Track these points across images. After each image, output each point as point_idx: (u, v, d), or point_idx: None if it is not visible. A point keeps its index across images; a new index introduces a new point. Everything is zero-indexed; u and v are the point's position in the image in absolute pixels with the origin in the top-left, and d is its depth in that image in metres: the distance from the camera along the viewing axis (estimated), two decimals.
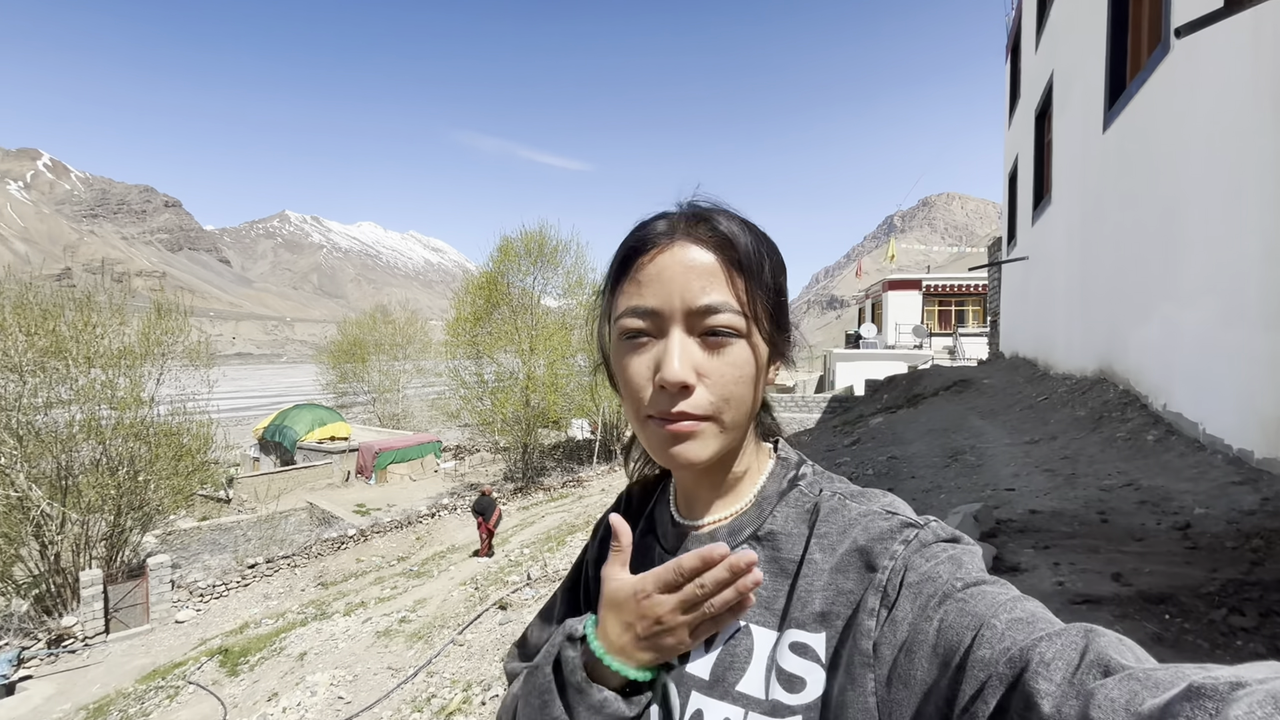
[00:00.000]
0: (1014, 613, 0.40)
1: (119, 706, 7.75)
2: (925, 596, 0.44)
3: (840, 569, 0.49)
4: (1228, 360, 3.75)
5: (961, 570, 0.45)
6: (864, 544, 0.49)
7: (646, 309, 0.52)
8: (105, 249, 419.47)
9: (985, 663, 0.38)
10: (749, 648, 0.51)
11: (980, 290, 24.70)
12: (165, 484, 12.49)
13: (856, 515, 0.52)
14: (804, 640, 0.49)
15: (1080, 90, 7.22)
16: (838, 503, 0.54)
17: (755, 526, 0.56)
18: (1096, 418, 5.27)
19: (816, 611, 0.49)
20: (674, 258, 0.52)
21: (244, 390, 79.36)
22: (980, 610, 0.41)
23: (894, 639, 0.44)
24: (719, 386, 0.51)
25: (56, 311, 11.62)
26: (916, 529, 0.49)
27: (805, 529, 0.54)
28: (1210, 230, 3.96)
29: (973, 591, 0.43)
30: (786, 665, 0.49)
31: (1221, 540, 2.55)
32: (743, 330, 0.51)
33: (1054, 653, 0.35)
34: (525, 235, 20.70)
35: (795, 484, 0.58)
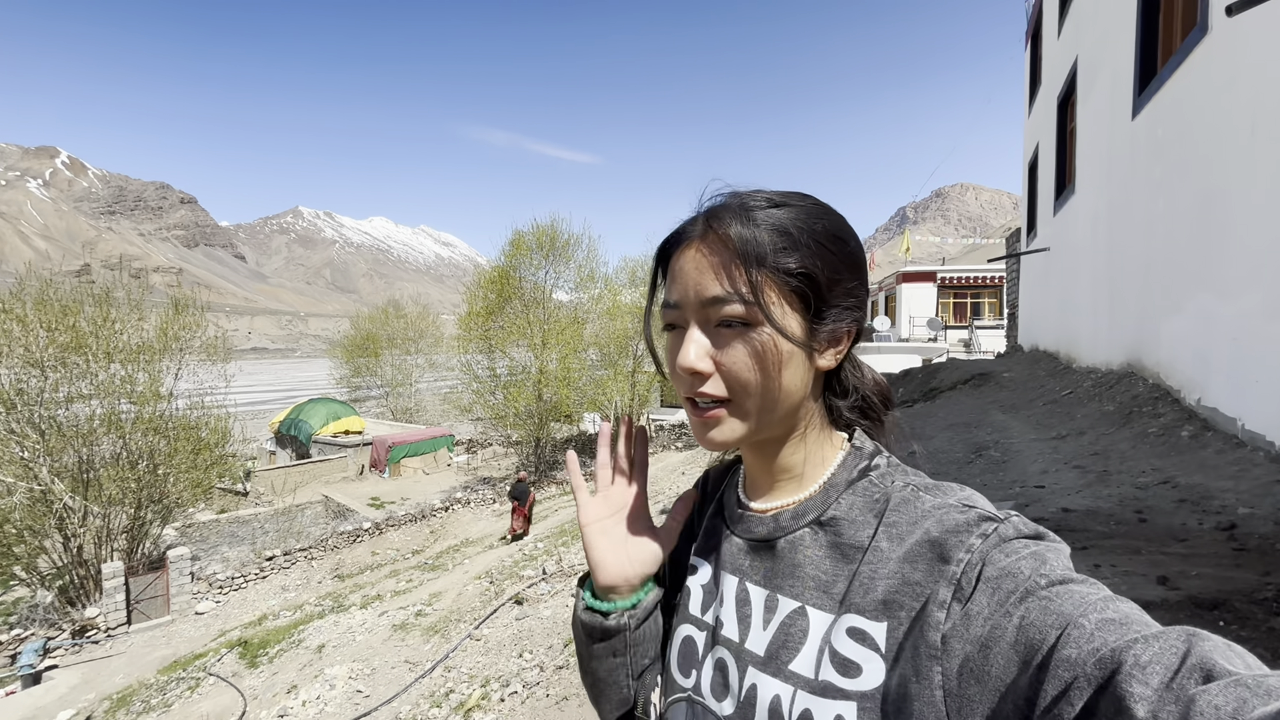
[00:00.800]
0: (1105, 613, 0.37)
1: (141, 697, 7.86)
2: (1005, 592, 0.42)
3: (909, 559, 0.48)
4: (1270, 353, 3.62)
5: (1045, 567, 0.42)
6: (937, 536, 0.47)
7: (672, 303, 0.56)
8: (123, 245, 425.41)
9: (1071, 663, 0.36)
10: (804, 628, 0.52)
11: (996, 282, 24.35)
12: (184, 477, 12.65)
13: (930, 507, 0.50)
14: (863, 627, 0.48)
15: (1107, 76, 7.02)
16: (910, 494, 0.52)
17: (819, 512, 0.56)
18: (1126, 413, 5.14)
19: (879, 600, 0.48)
20: (690, 257, 0.55)
21: (260, 384, 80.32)
22: (1067, 609, 0.38)
23: (966, 633, 0.42)
24: (731, 373, 0.53)
25: (76, 308, 11.77)
26: (996, 523, 0.46)
27: (873, 518, 0.53)
28: (1253, 218, 3.81)
29: (1059, 590, 0.40)
30: (842, 649, 0.48)
31: (1272, 542, 2.45)
32: (748, 318, 0.52)
33: (1151, 655, 0.33)
34: (537, 229, 20.68)
35: (867, 474, 0.56)
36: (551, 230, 20.74)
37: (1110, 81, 6.89)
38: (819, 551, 0.54)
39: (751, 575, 0.58)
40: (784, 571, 0.56)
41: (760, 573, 0.58)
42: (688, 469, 13.82)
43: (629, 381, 22.21)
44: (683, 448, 18.76)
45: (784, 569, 0.56)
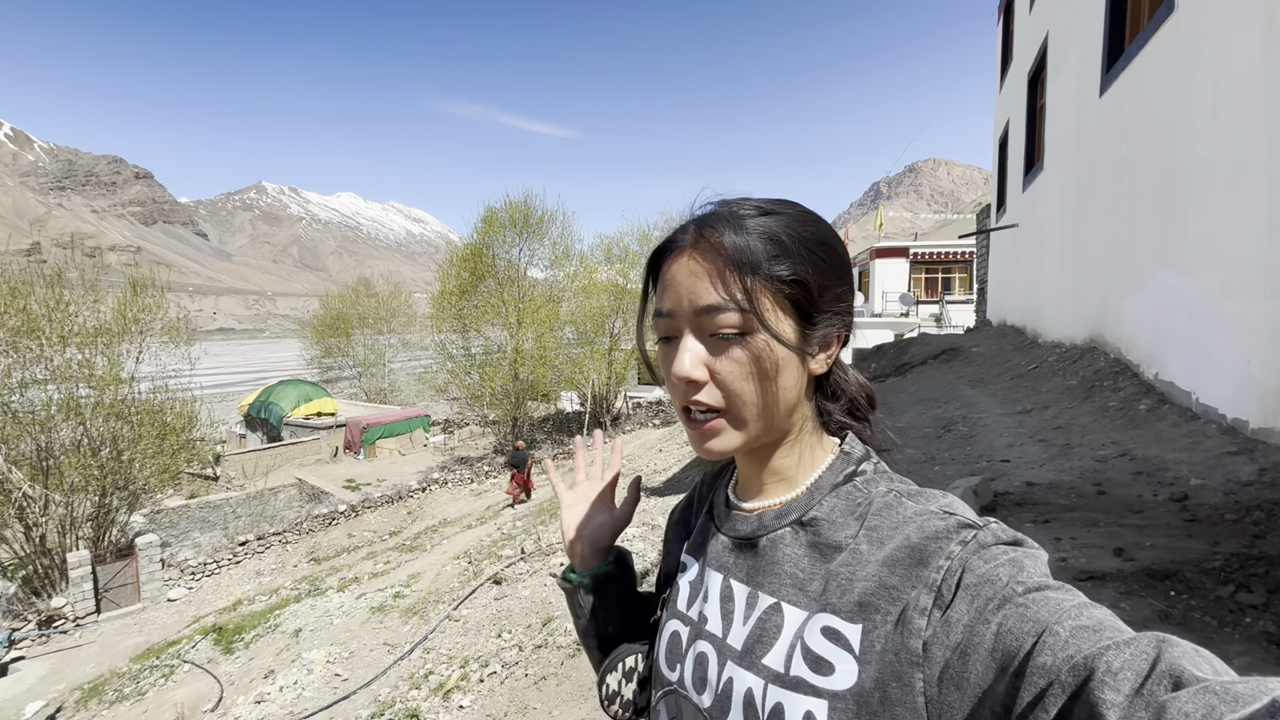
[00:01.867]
0: (1079, 619, 0.38)
1: (114, 686, 7.74)
2: (983, 599, 0.43)
3: (889, 564, 0.49)
4: (1225, 329, 3.74)
5: (1023, 574, 0.43)
6: (917, 541, 0.48)
7: (665, 312, 0.56)
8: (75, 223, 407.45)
9: (1046, 669, 0.36)
10: (779, 624, 0.53)
11: (967, 257, 24.72)
12: (150, 463, 12.33)
13: (912, 513, 0.51)
14: (837, 627, 0.49)
15: (1076, 53, 7.08)
16: (893, 499, 0.53)
17: (801, 512, 0.57)
18: (1088, 387, 5.29)
19: (855, 601, 0.49)
20: (682, 265, 0.55)
21: (227, 366, 78.34)
22: (1043, 616, 0.39)
23: (946, 640, 0.43)
24: (727, 382, 0.53)
25: (26, 289, 11.26)
26: (975, 530, 0.47)
27: (854, 521, 0.54)
28: (1212, 197, 3.91)
29: (1035, 596, 0.41)
30: (814, 646, 0.49)
31: (1221, 512, 2.56)
32: (742, 327, 0.52)
33: (1122, 662, 0.34)
34: (510, 205, 20.31)
35: (852, 479, 0.57)
36: (525, 206, 20.39)
37: (1079, 58, 6.94)
38: (798, 550, 0.55)
39: (735, 572, 0.60)
40: (764, 569, 0.57)
41: (743, 570, 0.59)
42: (664, 445, 13.92)
43: (606, 360, 22.17)
44: (660, 424, 18.88)
45: (764, 566, 0.57)
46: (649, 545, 5.94)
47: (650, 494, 8.73)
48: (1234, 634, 1.73)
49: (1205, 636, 1.74)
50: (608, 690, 0.72)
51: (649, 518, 7.08)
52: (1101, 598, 2.00)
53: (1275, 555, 2.06)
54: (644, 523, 6.86)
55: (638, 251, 23.62)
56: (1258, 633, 1.71)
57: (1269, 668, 1.55)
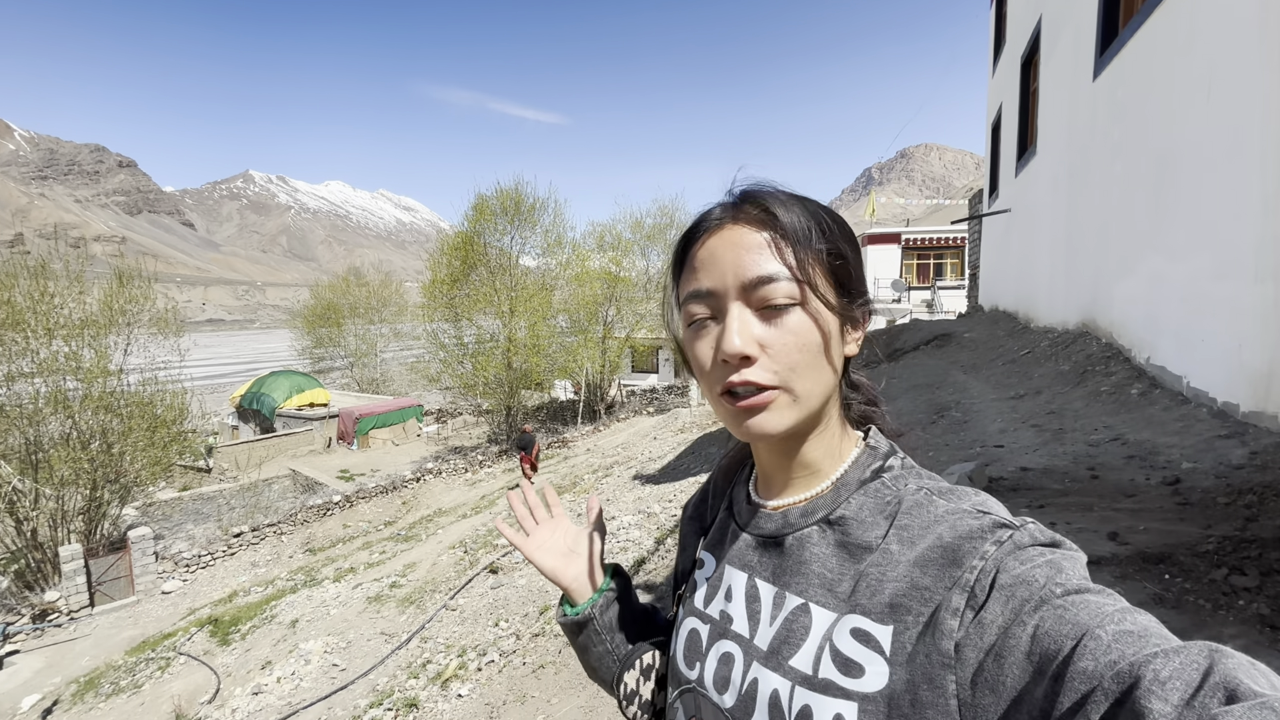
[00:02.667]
0: (1123, 624, 0.37)
1: (110, 678, 7.73)
2: (1019, 600, 0.41)
3: (920, 564, 0.48)
4: (1216, 313, 3.76)
5: (1061, 576, 0.42)
6: (950, 541, 0.47)
7: (704, 291, 0.54)
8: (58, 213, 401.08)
9: (1088, 675, 0.35)
10: (806, 625, 0.52)
11: (958, 243, 24.77)
12: (141, 455, 12.22)
13: (943, 512, 0.50)
14: (867, 629, 0.48)
15: (1070, 36, 7.04)
16: (923, 497, 0.52)
17: (828, 510, 0.56)
18: (1080, 372, 5.33)
19: (886, 602, 0.48)
20: (725, 239, 0.54)
21: (218, 357, 77.72)
22: (1083, 619, 0.38)
23: (980, 642, 0.42)
24: (782, 355, 0.52)
25: (10, 281, 11.07)
26: (1011, 530, 0.46)
27: (884, 520, 0.53)
28: (1205, 181, 3.91)
29: (1075, 599, 0.40)
30: (844, 648, 0.48)
31: (1213, 496, 2.58)
32: (798, 297, 0.52)
33: (1171, 671, 0.33)
34: (501, 192, 20.11)
35: (879, 474, 0.56)
36: (516, 194, 20.20)
37: (1073, 41, 6.91)
38: (826, 549, 0.54)
39: (760, 571, 0.59)
40: (791, 568, 0.56)
41: (768, 569, 0.58)
42: (659, 433, 13.95)
43: (599, 348, 22.13)
44: (654, 412, 18.89)
45: (791, 566, 0.56)
46: (645, 533, 5.96)
47: (646, 481, 8.75)
48: (1228, 617, 1.75)
49: (1200, 619, 1.76)
50: (626, 689, 0.70)
51: (644, 505, 7.10)
52: (1096, 582, 2.02)
53: (1268, 538, 2.09)
54: (640, 510, 6.88)
55: (630, 239, 23.51)
56: (1252, 615, 1.73)
57: (1263, 650, 1.57)
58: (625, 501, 7.82)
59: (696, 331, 0.56)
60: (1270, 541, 2.05)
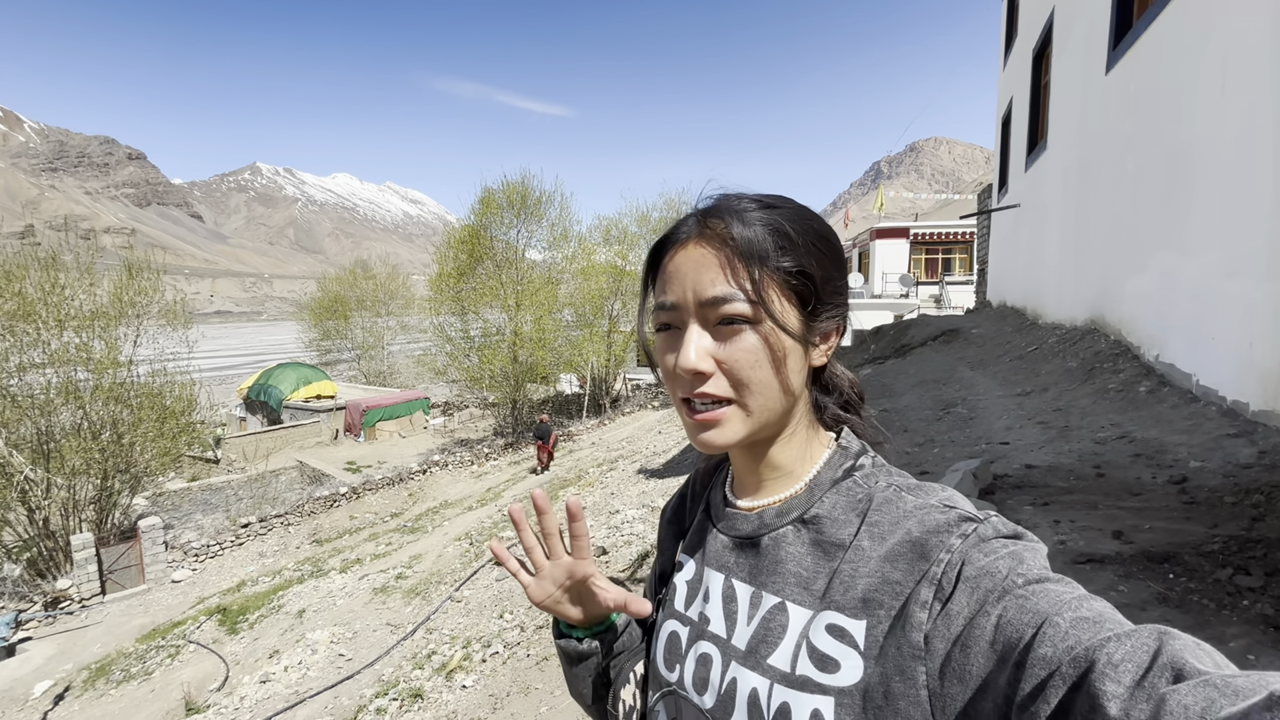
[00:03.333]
0: (1079, 611, 0.38)
1: (121, 666, 7.84)
2: (983, 591, 0.43)
3: (890, 558, 0.49)
4: (1227, 311, 3.72)
5: (1023, 566, 0.43)
6: (918, 536, 0.48)
7: (668, 304, 0.56)
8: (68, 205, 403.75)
9: (1047, 660, 0.37)
10: (783, 624, 0.53)
11: (967, 238, 24.57)
12: (151, 446, 12.34)
13: (912, 507, 0.51)
14: (842, 624, 0.49)
15: (1083, 29, 6.96)
16: (893, 494, 0.53)
17: (803, 510, 0.57)
18: (1088, 369, 5.29)
19: (859, 597, 0.49)
20: (688, 256, 0.55)
21: (226, 349, 78.22)
22: (1042, 607, 0.40)
23: (947, 632, 0.43)
24: (734, 373, 0.53)
25: (21, 272, 11.17)
26: (975, 523, 0.47)
27: (855, 517, 0.53)
28: (1218, 177, 3.86)
29: (1035, 588, 0.41)
30: (820, 645, 0.49)
31: (1220, 495, 2.57)
32: (751, 316, 0.52)
33: (1123, 654, 0.34)
34: (507, 186, 20.09)
35: (851, 473, 0.57)
36: (522, 187, 20.17)
37: (1086, 34, 6.83)
38: (801, 548, 0.55)
39: (737, 572, 0.60)
40: (767, 568, 0.57)
41: (745, 569, 0.59)
42: (664, 427, 13.96)
43: (605, 342, 22.13)
44: (659, 406, 18.90)
45: (767, 565, 0.57)
46: (649, 527, 5.98)
47: (650, 476, 8.77)
48: (1232, 617, 1.74)
49: (1203, 619, 1.75)
50: (625, 707, 0.69)
51: (649, 499, 7.13)
52: (1100, 580, 2.02)
53: (1274, 538, 2.07)
54: (644, 504, 6.90)
55: (636, 233, 23.45)
56: (1255, 615, 1.72)
57: (1266, 650, 1.56)
58: (629, 495, 7.84)
59: (664, 339, 0.57)
60: (1276, 542, 2.03)
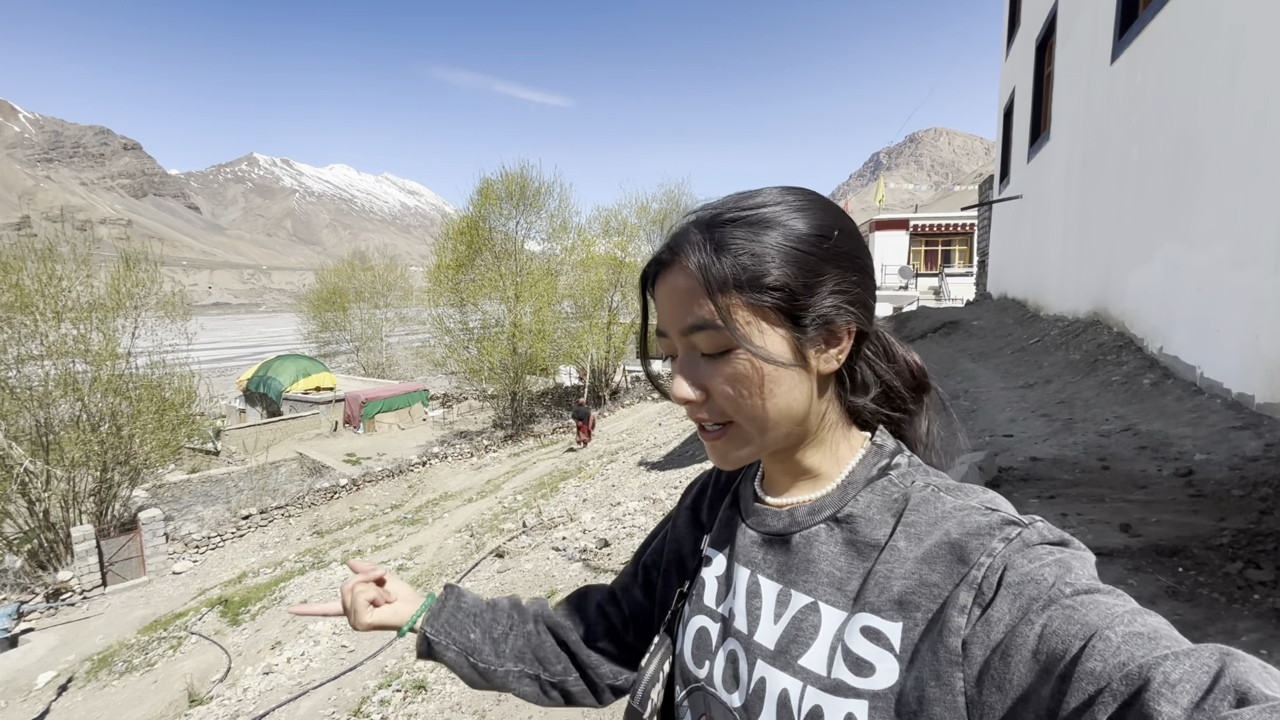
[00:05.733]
0: (1132, 626, 0.37)
1: (123, 657, 7.87)
2: (1027, 599, 0.41)
3: (927, 560, 0.47)
4: (1234, 303, 3.70)
5: (1070, 575, 0.41)
6: (957, 538, 0.47)
7: (660, 333, 0.56)
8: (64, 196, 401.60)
9: (1096, 676, 0.35)
10: (815, 624, 0.52)
11: (967, 229, 24.50)
12: (150, 438, 12.33)
13: (951, 508, 0.49)
14: (877, 626, 0.48)
15: (1088, 18, 6.89)
16: (930, 494, 0.51)
17: (836, 509, 0.55)
18: (1091, 361, 5.28)
19: (894, 599, 0.48)
20: (666, 284, 0.54)
21: (224, 341, 78.08)
22: (1092, 619, 0.38)
23: (987, 639, 0.42)
24: (721, 398, 0.53)
25: (18, 264, 11.11)
26: (1019, 528, 0.46)
27: (891, 517, 0.52)
28: (1227, 167, 3.83)
29: (1083, 599, 0.40)
30: (855, 648, 0.48)
31: (1227, 488, 2.56)
32: (726, 343, 0.51)
33: (1181, 674, 0.32)
34: (506, 177, 19.98)
35: (886, 473, 0.55)
36: (521, 178, 20.06)
37: (1091, 24, 6.77)
38: (834, 548, 0.54)
39: (764, 568, 0.58)
40: (798, 567, 0.56)
41: (773, 566, 0.58)
42: (664, 419, 13.97)
43: (604, 334, 22.10)
44: (659, 399, 18.91)
45: (798, 564, 0.56)
46: (650, 519, 5.98)
47: (651, 468, 8.77)
48: (1243, 610, 1.74)
49: (1214, 613, 1.75)
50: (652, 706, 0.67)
51: (650, 491, 7.13)
52: (1109, 574, 2.01)
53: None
54: (646, 496, 6.91)
55: (636, 224, 23.36)
56: (1267, 610, 1.72)
57: (1278, 645, 1.55)
58: (630, 487, 7.84)
59: (668, 363, 0.58)
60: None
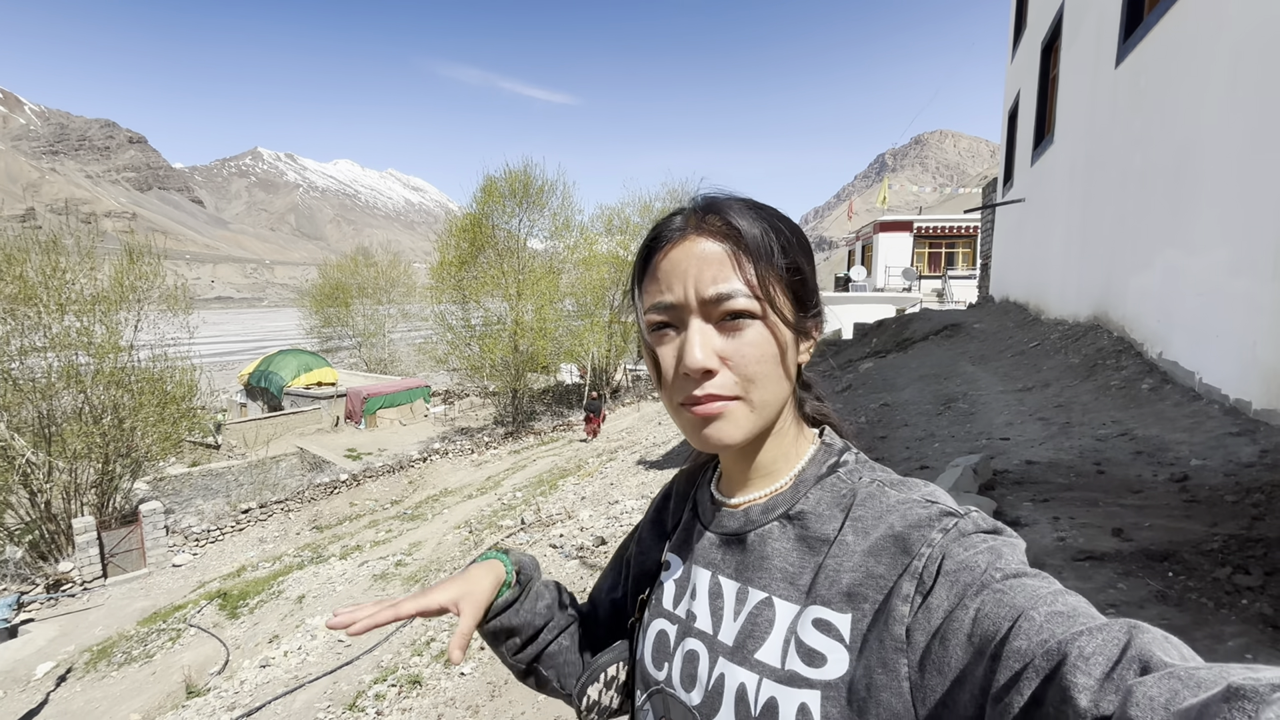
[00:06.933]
0: (1054, 606, 0.39)
1: (122, 648, 7.90)
2: (962, 585, 0.44)
3: (873, 553, 0.49)
4: (1232, 309, 3.70)
5: (1001, 561, 0.44)
6: (900, 530, 0.49)
7: (665, 304, 0.55)
8: (69, 188, 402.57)
9: (1021, 653, 0.37)
10: (770, 619, 0.53)
11: (970, 232, 24.46)
12: (152, 430, 12.38)
13: (895, 502, 0.52)
14: (828, 618, 0.49)
15: (1093, 21, 6.88)
16: (876, 489, 0.54)
17: (788, 506, 0.57)
18: (1090, 365, 5.28)
19: (843, 591, 0.49)
20: (686, 251, 0.54)
21: (226, 335, 78.29)
22: (1019, 601, 0.41)
23: (928, 625, 0.44)
24: (741, 367, 0.53)
25: (22, 256, 11.16)
26: (956, 518, 0.48)
27: (840, 512, 0.54)
28: (1227, 174, 3.83)
29: (1012, 583, 0.42)
30: (807, 639, 0.50)
31: (1220, 493, 2.56)
32: (757, 312, 0.52)
33: (1094, 647, 0.35)
34: (509, 174, 19.99)
35: (835, 470, 0.58)
36: (525, 176, 20.07)
37: (1096, 27, 6.76)
38: (787, 544, 0.56)
39: (724, 569, 0.60)
40: (753, 564, 0.57)
41: (732, 566, 0.59)
42: (663, 418, 13.98)
43: (606, 332, 22.12)
44: (658, 398, 18.93)
45: (753, 561, 0.58)
46: None
47: (650, 467, 8.79)
48: (1230, 615, 1.74)
49: (1201, 618, 1.75)
50: (588, 701, 0.70)
51: (648, 490, 7.14)
52: (1099, 578, 2.02)
53: (1274, 537, 2.07)
54: (644, 495, 6.92)
55: (639, 223, 23.36)
56: (1254, 615, 1.72)
57: (1264, 649, 1.56)
58: (629, 486, 7.86)
59: (659, 340, 0.56)
60: (1276, 541, 2.03)
